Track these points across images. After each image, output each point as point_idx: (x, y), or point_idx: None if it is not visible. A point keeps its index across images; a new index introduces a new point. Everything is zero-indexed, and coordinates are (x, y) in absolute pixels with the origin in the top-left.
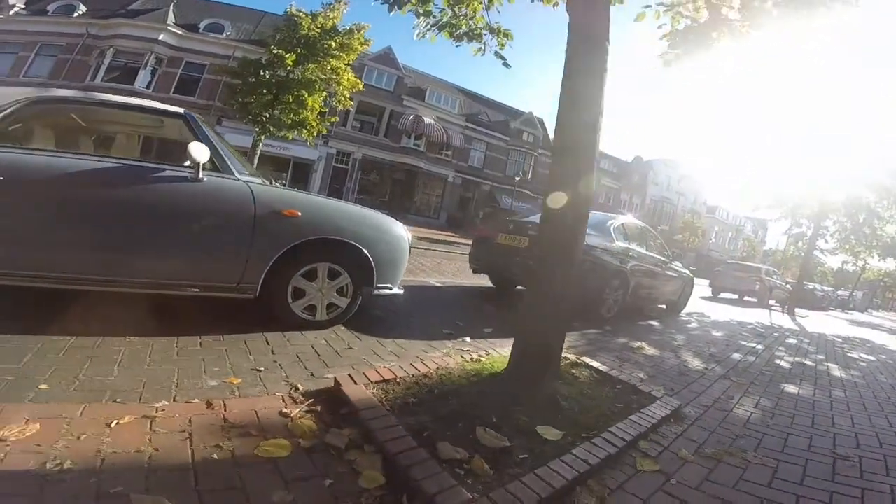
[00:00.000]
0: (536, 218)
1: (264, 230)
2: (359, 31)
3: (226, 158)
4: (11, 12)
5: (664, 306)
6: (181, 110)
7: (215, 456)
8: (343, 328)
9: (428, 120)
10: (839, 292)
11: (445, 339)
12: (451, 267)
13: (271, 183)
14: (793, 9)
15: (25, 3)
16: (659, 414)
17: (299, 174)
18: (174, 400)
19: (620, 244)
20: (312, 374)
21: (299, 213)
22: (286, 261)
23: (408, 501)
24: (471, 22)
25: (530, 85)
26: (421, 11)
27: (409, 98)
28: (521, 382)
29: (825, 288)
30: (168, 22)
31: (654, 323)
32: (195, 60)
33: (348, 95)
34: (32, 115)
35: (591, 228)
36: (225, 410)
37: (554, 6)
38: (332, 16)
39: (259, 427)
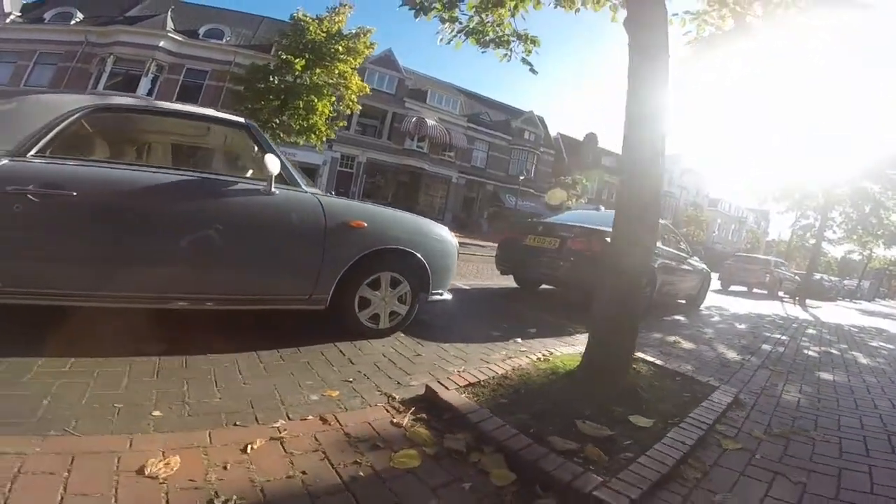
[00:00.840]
0: (565, 219)
1: (334, 242)
2: (365, 35)
3: (291, 170)
4: (7, 20)
5: (683, 301)
6: (242, 119)
7: (361, 473)
8: (402, 335)
9: (431, 122)
10: (846, 282)
11: (497, 341)
12: (469, 269)
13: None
14: (812, 9)
15: (21, 12)
16: (724, 401)
17: None
18: (288, 418)
19: (668, 246)
20: (398, 383)
21: (365, 224)
22: (352, 271)
23: (542, 490)
24: (498, 29)
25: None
26: (446, 17)
27: (410, 100)
28: (601, 377)
29: (832, 278)
30: (167, 28)
31: (679, 318)
32: (196, 67)
33: (355, 99)
34: (95, 123)
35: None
36: (341, 425)
37: (576, 12)
38: (337, 20)
39: (381, 439)
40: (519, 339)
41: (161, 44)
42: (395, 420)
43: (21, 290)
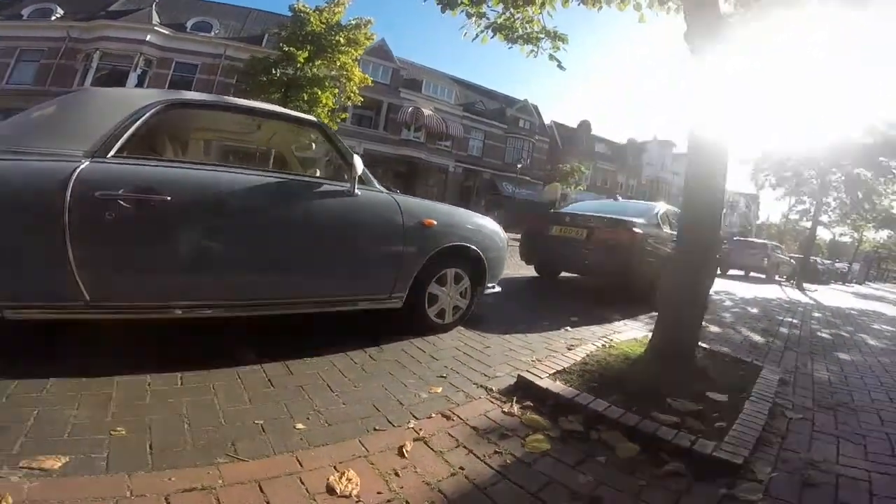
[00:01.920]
0: (590, 210)
1: (411, 241)
2: (365, 26)
3: (367, 171)
4: None
5: None
6: (314, 118)
7: (507, 461)
8: (463, 328)
9: (427, 111)
10: (837, 264)
11: (549, 330)
12: None
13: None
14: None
15: None
16: (773, 378)
17: None
18: (415, 417)
19: (668, 231)
20: (485, 375)
21: (435, 223)
22: (424, 269)
23: (668, 457)
24: (528, 25)
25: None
26: (473, 12)
27: (405, 90)
28: (673, 361)
29: (825, 261)
30: (153, 22)
31: None
32: (186, 60)
33: (357, 91)
34: (167, 120)
35: (642, 217)
36: (462, 420)
37: (598, 9)
38: (336, 10)
39: (504, 428)
40: (569, 328)
41: (148, 38)
42: (505, 410)
43: (111, 304)
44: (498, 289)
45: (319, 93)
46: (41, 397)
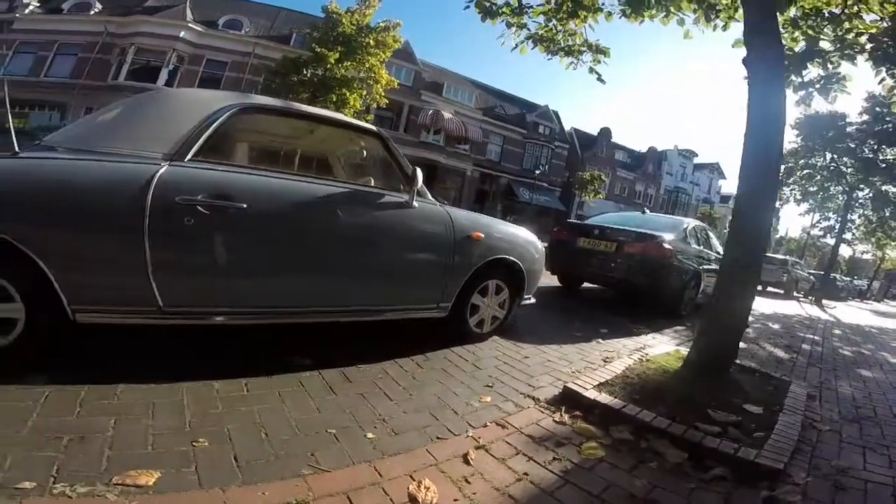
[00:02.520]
0: (618, 223)
1: (460, 253)
2: (394, 28)
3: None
4: (27, 11)
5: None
6: (375, 128)
7: (567, 467)
8: (499, 338)
9: (447, 115)
10: (856, 282)
11: (582, 342)
12: None
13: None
14: None
15: (40, 2)
16: (802, 393)
17: None
18: (472, 426)
19: (695, 247)
20: (530, 385)
21: (483, 236)
22: (469, 280)
23: (714, 462)
24: (570, 38)
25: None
26: (513, 22)
27: (427, 92)
28: (711, 374)
29: (844, 278)
30: (187, 18)
31: None
32: (216, 58)
33: (383, 93)
34: (239, 124)
35: (671, 233)
36: (516, 428)
37: (640, 23)
38: (367, 13)
39: (557, 437)
40: (600, 340)
41: (181, 34)
42: (556, 419)
43: (183, 309)
44: (533, 300)
45: (348, 94)
46: (114, 405)
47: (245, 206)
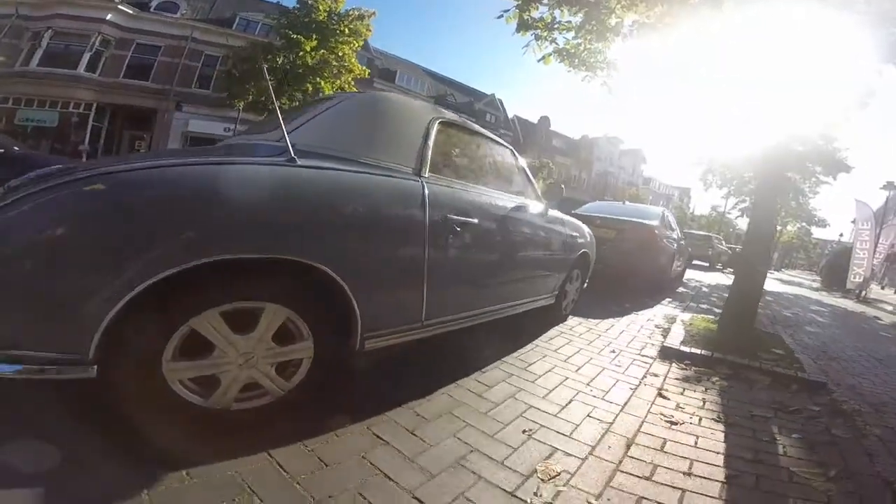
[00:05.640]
0: (612, 213)
1: (569, 249)
2: (368, 17)
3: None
4: None
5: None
6: (509, 144)
7: (718, 392)
8: (572, 316)
9: None
10: None
11: (625, 314)
12: None
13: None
14: None
15: None
16: (793, 342)
17: None
18: (643, 377)
19: (676, 230)
20: (631, 347)
21: (577, 234)
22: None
23: (789, 381)
24: (595, 56)
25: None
26: (543, 35)
27: (379, 80)
28: (742, 329)
29: None
30: (115, 0)
31: (684, 289)
32: (148, 42)
33: (352, 82)
34: (439, 139)
35: (655, 220)
36: (663, 376)
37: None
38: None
39: (692, 377)
40: (635, 313)
41: (108, 17)
42: (679, 367)
43: (435, 321)
44: (586, 284)
45: (322, 83)
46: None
47: (476, 220)
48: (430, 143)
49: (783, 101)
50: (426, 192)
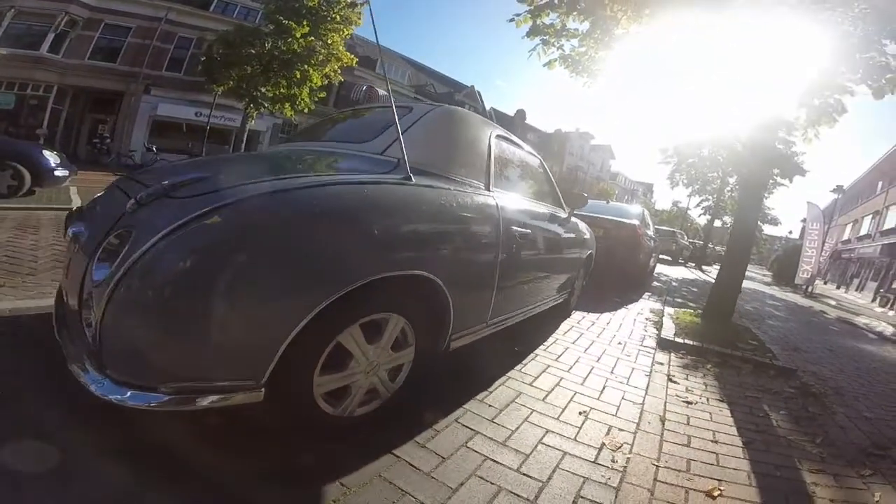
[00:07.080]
0: (598, 212)
1: (582, 250)
2: (360, 6)
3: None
4: None
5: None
6: (538, 155)
7: (714, 377)
8: (575, 311)
9: (382, 91)
10: (718, 248)
11: (619, 309)
12: None
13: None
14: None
15: None
16: (762, 333)
17: (243, 146)
18: (643, 366)
19: (653, 228)
20: (632, 337)
21: (587, 237)
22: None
23: (766, 368)
24: (598, 63)
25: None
26: (551, 41)
27: (360, 68)
28: (722, 321)
29: (718, 249)
30: None
31: (657, 283)
32: (119, 22)
33: (339, 71)
34: (495, 153)
35: (636, 219)
36: (666, 363)
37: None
38: None
39: (689, 364)
40: (630, 306)
41: None
42: (677, 355)
43: (495, 321)
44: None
45: (311, 70)
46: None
47: (529, 231)
48: (493, 157)
49: (760, 105)
50: (498, 205)
